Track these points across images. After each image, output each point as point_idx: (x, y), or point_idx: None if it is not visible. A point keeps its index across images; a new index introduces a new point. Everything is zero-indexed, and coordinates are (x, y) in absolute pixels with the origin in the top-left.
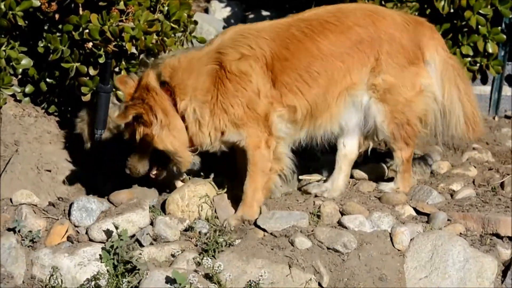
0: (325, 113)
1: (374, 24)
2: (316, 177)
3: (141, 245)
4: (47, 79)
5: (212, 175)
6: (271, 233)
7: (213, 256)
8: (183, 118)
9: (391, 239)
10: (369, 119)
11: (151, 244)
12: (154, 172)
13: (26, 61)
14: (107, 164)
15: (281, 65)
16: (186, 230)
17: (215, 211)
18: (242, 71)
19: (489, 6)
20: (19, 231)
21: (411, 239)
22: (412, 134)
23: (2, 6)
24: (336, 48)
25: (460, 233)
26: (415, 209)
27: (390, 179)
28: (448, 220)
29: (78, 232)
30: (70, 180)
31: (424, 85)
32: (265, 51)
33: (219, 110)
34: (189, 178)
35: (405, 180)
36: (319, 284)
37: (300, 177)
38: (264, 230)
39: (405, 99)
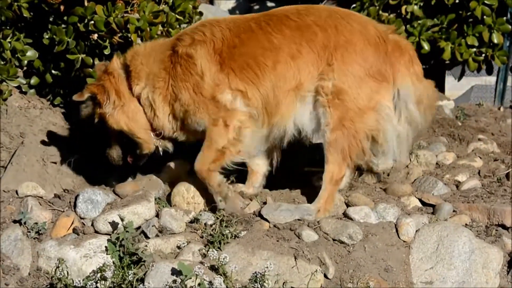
0: (278, 110)
1: (336, 27)
2: (318, 168)
3: (146, 237)
4: (53, 71)
5: None
6: (274, 226)
7: (218, 247)
8: (140, 102)
9: (397, 231)
10: (316, 121)
11: (157, 236)
12: (129, 158)
13: (31, 53)
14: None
15: (230, 51)
16: (191, 222)
17: None
18: (188, 54)
19: None
20: (25, 223)
21: (416, 230)
22: (355, 150)
23: None
24: (287, 43)
25: (466, 224)
26: (420, 200)
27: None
28: (454, 211)
29: (84, 224)
30: (76, 171)
31: (382, 104)
32: (216, 37)
33: (170, 95)
34: None
35: (327, 202)
36: (325, 275)
37: (306, 169)
38: (269, 221)
39: (357, 108)
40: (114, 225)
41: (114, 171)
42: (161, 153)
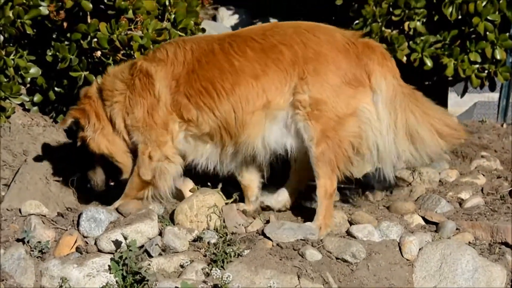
0: (244, 130)
1: (303, 42)
2: None
3: (150, 256)
4: (56, 88)
5: (220, 185)
6: (277, 244)
7: (222, 266)
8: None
9: (400, 249)
10: (296, 136)
11: (160, 254)
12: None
13: (34, 70)
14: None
15: (188, 76)
16: (194, 240)
17: (224, 221)
18: (148, 72)
19: (497, 12)
20: (28, 242)
21: (419, 249)
22: (342, 160)
23: (11, 14)
24: (251, 65)
25: (469, 242)
26: (423, 218)
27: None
28: (457, 229)
29: (87, 243)
30: (79, 190)
31: (360, 109)
32: (177, 60)
33: (126, 107)
34: (198, 188)
35: (326, 217)
36: None
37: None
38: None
39: (337, 117)
40: (117, 244)
41: (114, 190)
42: None
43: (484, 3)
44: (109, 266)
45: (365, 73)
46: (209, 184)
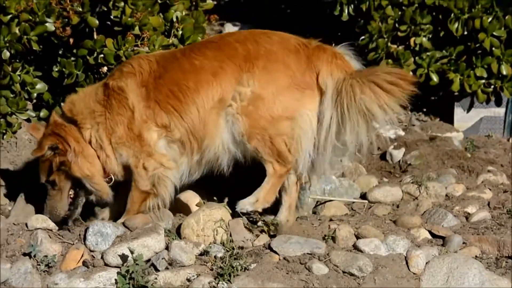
0: (206, 132)
1: (256, 41)
2: (328, 197)
3: (156, 270)
4: (62, 104)
5: (226, 199)
6: (284, 258)
7: (228, 280)
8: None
9: (407, 263)
10: (231, 131)
11: (167, 268)
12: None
13: (41, 86)
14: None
15: (155, 82)
16: (201, 254)
17: (230, 235)
18: (120, 87)
19: (503, 28)
20: (34, 256)
21: (426, 262)
22: (278, 153)
23: (17, 31)
24: (209, 62)
25: (476, 256)
26: (430, 232)
27: None
28: (464, 243)
29: (94, 257)
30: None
31: (299, 112)
32: (143, 69)
33: (111, 128)
34: (204, 203)
35: (269, 194)
36: None
37: (311, 196)
38: (278, 254)
39: (270, 116)
40: (124, 257)
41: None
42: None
43: (490, 19)
44: (115, 280)
45: (315, 75)
46: (215, 198)
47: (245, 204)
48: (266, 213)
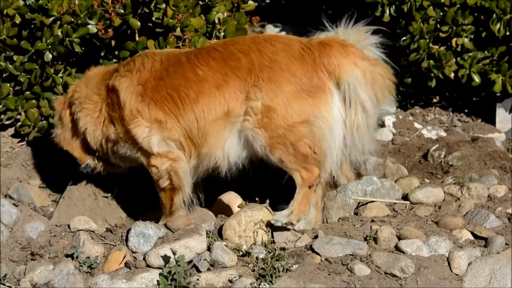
0: (206, 141)
1: (259, 50)
2: (369, 198)
3: (198, 271)
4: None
5: (267, 201)
6: (326, 259)
7: (270, 281)
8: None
9: (449, 264)
10: (247, 144)
11: (208, 269)
12: None
13: None
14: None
15: (155, 83)
16: (243, 255)
17: (272, 236)
18: (114, 86)
19: None
20: (77, 257)
21: (469, 264)
22: (303, 158)
23: (59, 33)
24: (213, 74)
25: None
26: (472, 233)
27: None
28: (506, 244)
29: (136, 258)
30: (127, 206)
31: (315, 115)
32: (144, 68)
33: (104, 123)
34: (246, 204)
35: (302, 205)
36: None
37: (352, 197)
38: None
39: (287, 124)
40: (166, 259)
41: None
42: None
43: None
44: (157, 281)
45: (326, 76)
46: (257, 199)
47: (280, 217)
48: None
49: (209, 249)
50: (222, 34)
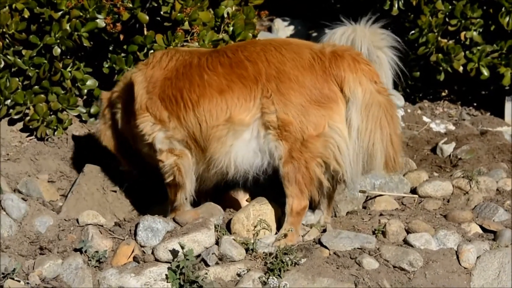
0: (210, 145)
1: (267, 60)
2: (377, 192)
3: (206, 265)
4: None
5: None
6: (334, 253)
7: (278, 275)
8: None
9: (458, 257)
10: (269, 156)
11: (217, 263)
12: None
13: (91, 82)
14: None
15: (164, 82)
16: (251, 249)
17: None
18: (132, 80)
19: None
20: (85, 252)
21: (477, 257)
22: (308, 180)
23: (68, 27)
24: (218, 79)
25: None
26: (481, 226)
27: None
28: None
29: (144, 252)
30: (136, 200)
31: (329, 128)
32: (160, 65)
33: (131, 116)
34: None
35: (290, 234)
36: None
37: (361, 191)
38: (328, 249)
39: (303, 138)
40: (174, 253)
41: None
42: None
43: None
44: (166, 275)
45: (336, 86)
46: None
47: (265, 245)
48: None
49: (217, 243)
50: (231, 28)
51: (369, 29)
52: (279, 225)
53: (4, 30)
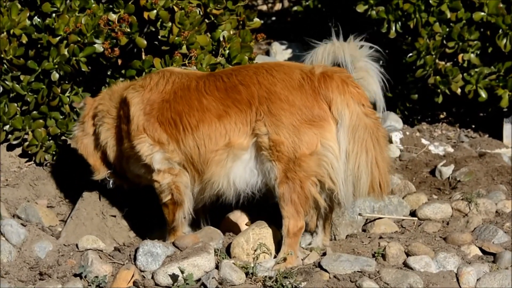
0: (208, 168)
1: (259, 82)
2: (377, 215)
3: None
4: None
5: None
6: (334, 276)
7: None
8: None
9: (458, 280)
10: (264, 176)
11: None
12: None
13: None
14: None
15: (162, 104)
16: (251, 273)
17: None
18: (127, 100)
19: None
20: (85, 277)
21: (477, 279)
22: (304, 200)
23: (66, 52)
24: (216, 104)
25: None
26: (481, 248)
27: None
28: None
29: (144, 277)
30: (135, 225)
31: (322, 145)
32: (157, 87)
33: (116, 136)
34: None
35: (290, 257)
36: None
37: (360, 214)
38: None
39: (295, 157)
40: (174, 277)
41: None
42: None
43: None
44: None
45: (326, 105)
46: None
47: (265, 269)
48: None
49: (217, 267)
50: (227, 51)
51: (348, 42)
52: (278, 248)
53: (2, 55)
